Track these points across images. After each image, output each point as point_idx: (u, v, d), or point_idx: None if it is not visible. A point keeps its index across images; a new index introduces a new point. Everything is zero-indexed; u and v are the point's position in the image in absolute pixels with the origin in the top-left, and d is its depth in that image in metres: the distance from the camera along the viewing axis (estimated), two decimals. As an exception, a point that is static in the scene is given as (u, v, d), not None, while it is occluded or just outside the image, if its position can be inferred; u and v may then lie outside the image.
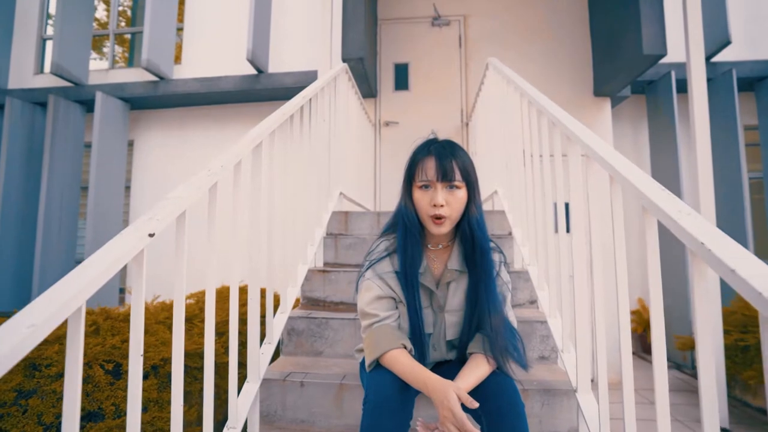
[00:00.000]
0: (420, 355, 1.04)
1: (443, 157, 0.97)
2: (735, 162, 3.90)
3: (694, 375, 3.60)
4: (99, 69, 5.30)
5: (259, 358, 1.26)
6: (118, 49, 5.98)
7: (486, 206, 2.99)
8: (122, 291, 4.81)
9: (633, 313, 4.16)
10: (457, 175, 0.97)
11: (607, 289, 1.08)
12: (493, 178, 2.53)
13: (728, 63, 4.08)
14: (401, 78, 4.21)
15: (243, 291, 2.69)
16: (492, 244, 1.05)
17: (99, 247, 0.69)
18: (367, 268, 1.07)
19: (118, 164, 4.71)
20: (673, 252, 3.78)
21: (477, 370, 0.96)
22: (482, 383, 0.97)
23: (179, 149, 4.89)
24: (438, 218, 0.97)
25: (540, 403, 1.29)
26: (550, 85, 3.90)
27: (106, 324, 1.73)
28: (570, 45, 4.09)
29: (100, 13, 6.03)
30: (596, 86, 3.95)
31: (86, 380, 1.57)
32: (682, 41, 3.81)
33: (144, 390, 1.53)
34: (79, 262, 4.68)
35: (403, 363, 0.94)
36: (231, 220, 1.20)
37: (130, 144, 5.03)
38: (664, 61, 3.84)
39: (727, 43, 3.94)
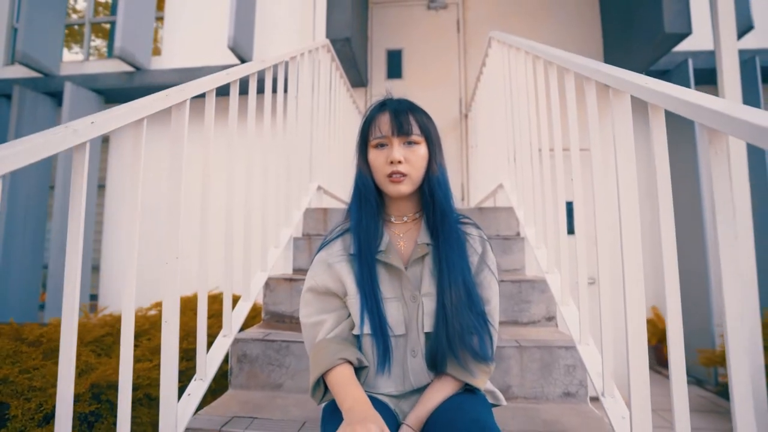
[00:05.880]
0: (383, 365, 0.81)
1: (399, 112, 0.86)
2: (760, 162, 3.53)
3: (719, 392, 3.23)
4: (74, 61, 4.98)
5: (176, 410, 0.90)
6: (102, 43, 5.69)
7: (488, 203, 2.64)
8: (94, 297, 4.44)
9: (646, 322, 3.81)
10: (415, 129, 0.86)
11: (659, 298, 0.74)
12: (498, 170, 2.17)
13: (750, 51, 3.73)
14: (394, 65, 3.87)
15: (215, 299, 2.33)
16: (466, 219, 0.92)
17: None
18: (317, 253, 0.90)
19: (90, 161, 4.35)
20: (693, 260, 3.42)
21: (439, 392, 0.80)
22: (437, 412, 0.77)
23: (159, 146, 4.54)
24: (396, 175, 0.84)
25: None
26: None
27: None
28: (578, 28, 3.74)
29: (81, 4, 5.75)
30: (608, 74, 3.60)
31: None
32: (701, 26, 3.51)
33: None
34: (45, 267, 4.30)
35: (338, 382, 0.77)
36: (128, 209, 0.85)
37: (105, 140, 4.67)
38: (679, 48, 3.50)
39: (750, 28, 3.59)
